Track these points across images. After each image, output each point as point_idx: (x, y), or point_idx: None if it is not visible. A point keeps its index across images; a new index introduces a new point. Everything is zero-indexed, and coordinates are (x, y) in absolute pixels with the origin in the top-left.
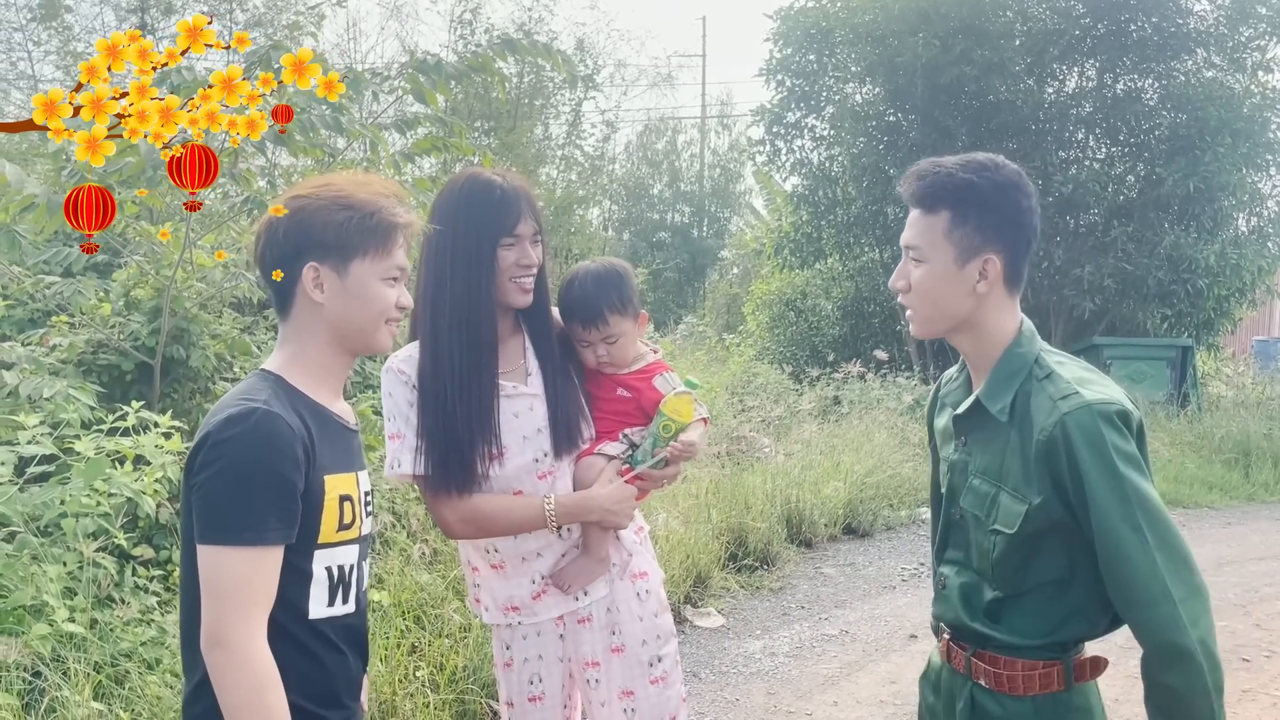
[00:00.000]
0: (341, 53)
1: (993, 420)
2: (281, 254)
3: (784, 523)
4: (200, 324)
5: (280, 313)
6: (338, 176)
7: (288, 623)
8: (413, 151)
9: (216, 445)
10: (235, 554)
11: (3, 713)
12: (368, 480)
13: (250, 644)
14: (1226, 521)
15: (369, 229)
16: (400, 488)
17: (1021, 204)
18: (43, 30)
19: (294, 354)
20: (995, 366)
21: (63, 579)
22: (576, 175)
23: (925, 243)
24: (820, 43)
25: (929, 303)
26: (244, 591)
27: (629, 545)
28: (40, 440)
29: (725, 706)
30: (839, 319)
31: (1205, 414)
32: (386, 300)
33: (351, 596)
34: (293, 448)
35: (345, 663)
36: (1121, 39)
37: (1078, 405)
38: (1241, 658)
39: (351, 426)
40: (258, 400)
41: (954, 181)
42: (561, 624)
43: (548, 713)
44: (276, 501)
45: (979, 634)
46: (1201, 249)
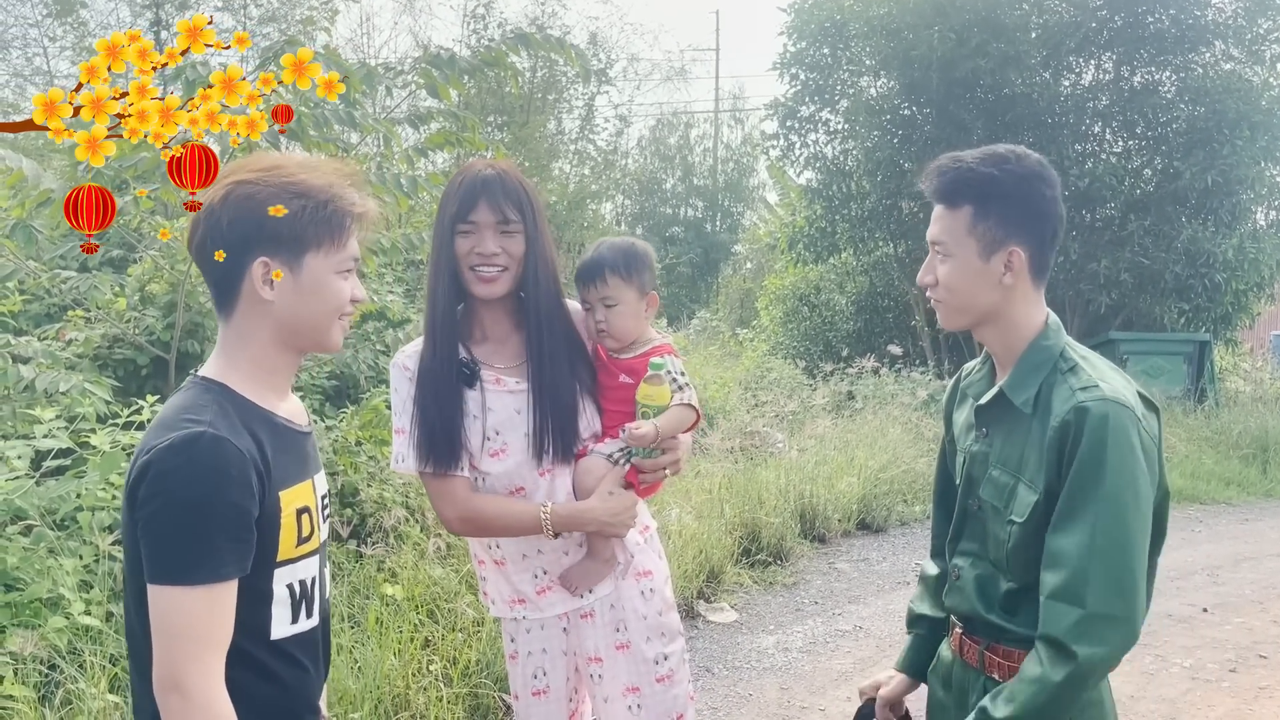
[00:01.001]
0: (355, 48)
1: (1015, 411)
2: (226, 245)
3: (797, 518)
4: (214, 318)
5: (221, 309)
6: (287, 158)
7: (250, 647)
8: (426, 146)
9: (160, 477)
10: (189, 594)
11: (19, 705)
12: (324, 481)
13: (209, 689)
14: (1244, 518)
15: (323, 219)
16: (414, 482)
17: (1044, 194)
18: (58, 26)
19: (237, 358)
20: (1021, 358)
21: (79, 572)
22: (589, 170)
23: (950, 238)
24: (834, 36)
25: (956, 296)
26: (200, 633)
27: (631, 545)
28: (56, 434)
29: (738, 702)
30: (853, 314)
31: (1223, 409)
32: (341, 295)
33: (315, 609)
34: (244, 473)
35: (307, 677)
36: (1139, 31)
37: (1096, 397)
38: (1259, 654)
39: (303, 429)
40: (202, 421)
41: (975, 176)
42: (565, 619)
43: (552, 706)
44: (230, 533)
45: (994, 627)
46: (1219, 243)
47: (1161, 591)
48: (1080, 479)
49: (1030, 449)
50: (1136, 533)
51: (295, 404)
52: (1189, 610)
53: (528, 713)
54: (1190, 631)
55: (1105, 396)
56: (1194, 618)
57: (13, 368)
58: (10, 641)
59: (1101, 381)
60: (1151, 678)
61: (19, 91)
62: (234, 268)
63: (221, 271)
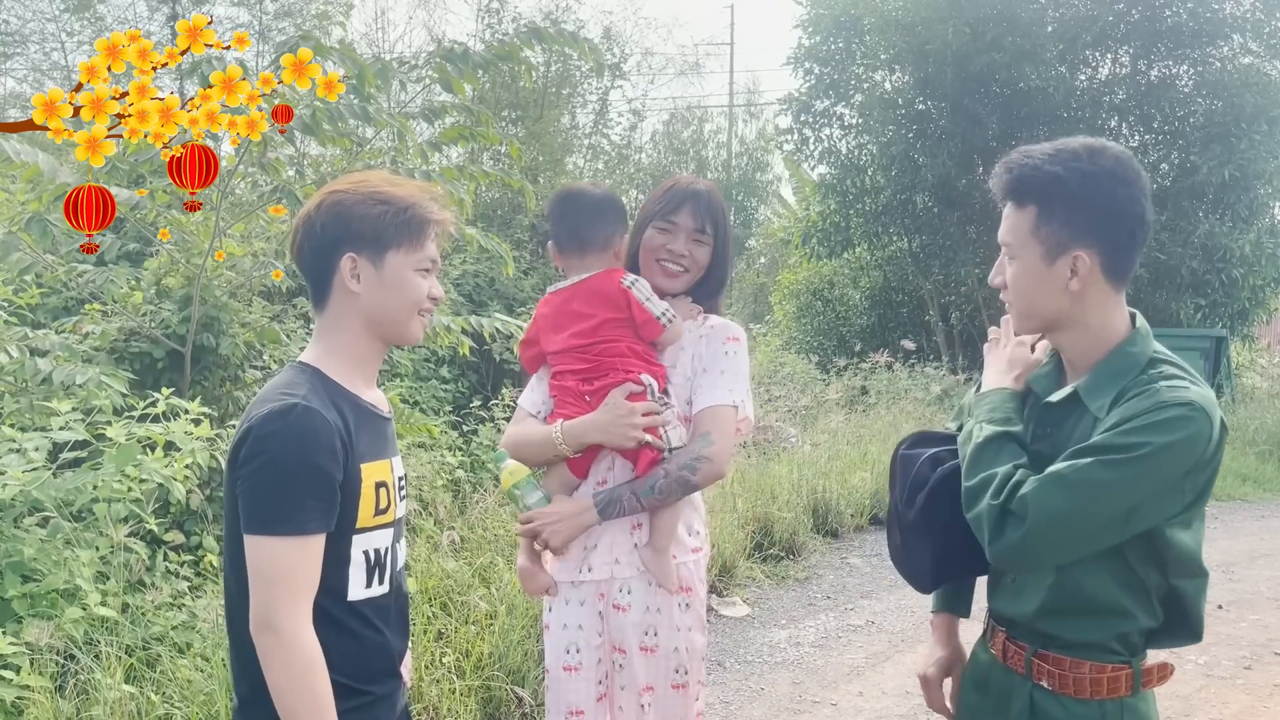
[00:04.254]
0: (370, 42)
1: (1088, 416)
2: (319, 246)
3: (810, 513)
4: (230, 312)
5: (316, 304)
6: (373, 174)
7: (329, 606)
8: (440, 141)
9: (259, 440)
10: (280, 544)
11: (36, 695)
12: (401, 465)
13: (298, 629)
14: (1261, 515)
15: (404, 222)
16: (427, 475)
17: (1117, 194)
18: (75, 21)
19: (330, 345)
20: (1102, 363)
21: (95, 563)
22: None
23: (1015, 239)
24: (849, 30)
25: (1024, 300)
26: (290, 579)
27: (685, 569)
28: (73, 426)
29: (750, 696)
30: (867, 308)
31: (1239, 405)
32: (420, 290)
33: (387, 578)
34: (331, 441)
35: (384, 641)
36: (1156, 25)
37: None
38: (1274, 651)
39: (385, 415)
40: (297, 395)
41: (1040, 175)
42: (602, 600)
43: (581, 684)
44: (317, 493)
45: (1043, 632)
46: (1236, 238)
47: None
48: (1120, 429)
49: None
50: (1097, 500)
51: (378, 394)
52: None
53: (558, 687)
54: (1205, 628)
55: (1192, 399)
56: (1209, 614)
57: (30, 360)
58: (27, 632)
59: (1194, 385)
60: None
61: (36, 86)
62: (326, 264)
63: (317, 268)
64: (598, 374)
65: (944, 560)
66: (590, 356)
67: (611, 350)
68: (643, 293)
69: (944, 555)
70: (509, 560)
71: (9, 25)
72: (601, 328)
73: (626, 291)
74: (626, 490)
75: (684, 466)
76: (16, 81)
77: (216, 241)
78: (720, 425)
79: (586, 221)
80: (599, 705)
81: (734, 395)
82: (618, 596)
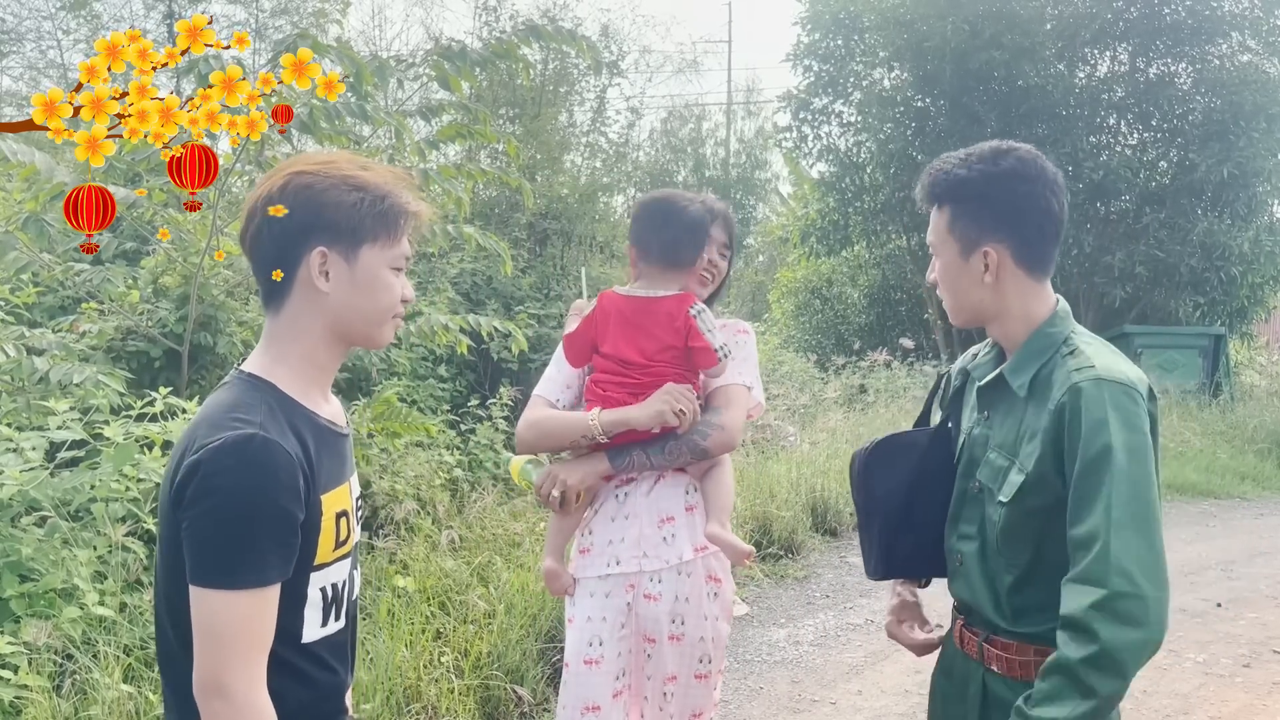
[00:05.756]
0: (367, 40)
1: (1013, 394)
2: (283, 235)
3: (809, 511)
4: (227, 311)
5: (271, 303)
6: (339, 155)
7: (282, 651)
8: (437, 139)
9: (211, 478)
10: (236, 598)
11: (34, 694)
12: (358, 483)
13: (251, 691)
14: (1259, 513)
15: (380, 213)
16: (425, 475)
17: (1018, 190)
18: (72, 19)
19: (284, 352)
20: (1023, 344)
21: (93, 563)
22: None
23: (936, 238)
24: (848, 27)
25: (950, 295)
26: (245, 636)
27: (715, 560)
28: (70, 426)
29: (749, 695)
30: (865, 307)
31: (1238, 403)
32: (394, 292)
33: (343, 612)
34: (293, 478)
35: (338, 681)
36: (1155, 22)
37: (1091, 376)
38: (1272, 649)
39: (343, 431)
40: (253, 422)
41: (950, 178)
42: (631, 592)
43: (600, 678)
44: (277, 538)
45: (993, 619)
46: (1235, 236)
47: (1175, 586)
48: (1087, 463)
49: (1025, 432)
50: (1154, 507)
51: (335, 405)
52: (1202, 605)
53: (576, 681)
54: (1203, 626)
55: (1100, 376)
56: (1207, 612)
57: (27, 360)
58: (25, 631)
59: (1097, 360)
60: (1164, 672)
61: (33, 84)
62: (290, 257)
63: (278, 261)
64: (643, 392)
65: (891, 531)
66: (644, 376)
67: (663, 376)
68: (706, 324)
69: (890, 525)
70: (507, 559)
71: (5, 23)
72: (661, 353)
73: (690, 320)
74: (638, 448)
75: (695, 432)
76: (12, 80)
77: (214, 240)
78: (732, 400)
79: (685, 241)
80: (615, 701)
81: (745, 378)
82: (649, 586)
